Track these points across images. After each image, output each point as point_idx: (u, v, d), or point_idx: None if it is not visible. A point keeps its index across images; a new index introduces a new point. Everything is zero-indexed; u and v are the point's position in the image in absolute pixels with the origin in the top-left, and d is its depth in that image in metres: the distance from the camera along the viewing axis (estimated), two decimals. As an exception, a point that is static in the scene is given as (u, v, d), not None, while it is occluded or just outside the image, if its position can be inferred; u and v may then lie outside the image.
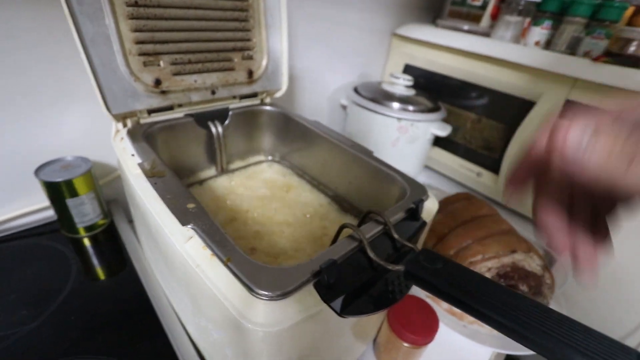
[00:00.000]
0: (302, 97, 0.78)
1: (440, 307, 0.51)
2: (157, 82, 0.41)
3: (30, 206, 0.48)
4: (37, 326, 0.35)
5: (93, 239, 0.48)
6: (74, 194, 0.44)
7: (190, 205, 0.29)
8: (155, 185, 0.31)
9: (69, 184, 0.43)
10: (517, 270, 0.47)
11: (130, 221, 0.53)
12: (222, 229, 0.27)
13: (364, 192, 0.45)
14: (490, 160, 0.77)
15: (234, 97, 0.51)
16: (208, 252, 0.26)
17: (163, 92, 0.42)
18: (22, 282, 0.40)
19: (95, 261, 0.46)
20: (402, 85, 0.73)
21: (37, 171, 0.43)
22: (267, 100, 0.55)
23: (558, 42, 0.69)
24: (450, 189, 0.81)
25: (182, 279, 0.30)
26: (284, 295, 0.23)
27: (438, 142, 0.84)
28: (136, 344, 0.35)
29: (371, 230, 0.30)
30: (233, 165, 0.54)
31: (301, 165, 0.55)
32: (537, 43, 0.71)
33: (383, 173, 0.41)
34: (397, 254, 0.30)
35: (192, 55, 0.44)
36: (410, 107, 0.69)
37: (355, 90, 0.76)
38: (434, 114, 0.70)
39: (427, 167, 0.90)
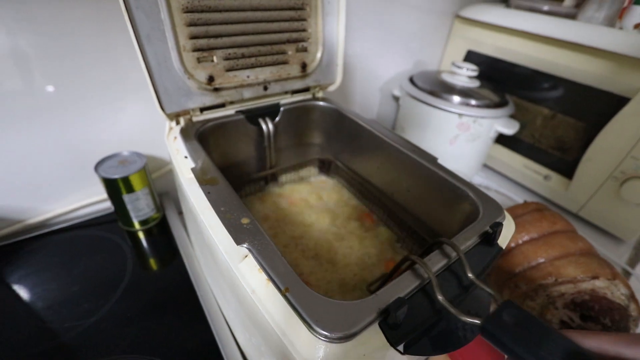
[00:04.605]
0: (352, 88, 0.73)
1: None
2: (210, 79, 0.40)
3: (90, 198, 0.50)
4: (96, 320, 0.37)
5: (147, 232, 0.49)
6: (130, 189, 0.44)
7: (245, 221, 0.27)
8: (208, 195, 0.30)
9: (125, 180, 0.43)
10: (597, 300, 0.41)
11: (180, 213, 0.54)
12: (279, 250, 0.25)
13: (424, 205, 0.41)
14: (562, 163, 0.68)
15: (286, 92, 0.48)
16: (264, 276, 0.24)
17: (216, 90, 0.40)
18: (85, 273, 0.42)
19: (148, 253, 0.47)
20: (464, 75, 0.65)
21: (97, 166, 0.44)
22: (319, 94, 0.51)
23: (667, 26, 0.57)
24: (511, 193, 0.73)
25: (235, 295, 0.29)
26: (349, 337, 0.20)
27: (500, 139, 0.75)
28: (183, 344, 0.36)
29: (438, 262, 0.26)
30: (282, 165, 0.53)
31: (353, 167, 0.52)
32: (637, 26, 0.60)
33: (450, 185, 0.36)
34: (465, 293, 0.26)
35: (245, 49, 0.41)
36: (473, 102, 0.62)
37: (411, 80, 0.69)
38: (500, 110, 0.62)
39: (485, 166, 0.82)
